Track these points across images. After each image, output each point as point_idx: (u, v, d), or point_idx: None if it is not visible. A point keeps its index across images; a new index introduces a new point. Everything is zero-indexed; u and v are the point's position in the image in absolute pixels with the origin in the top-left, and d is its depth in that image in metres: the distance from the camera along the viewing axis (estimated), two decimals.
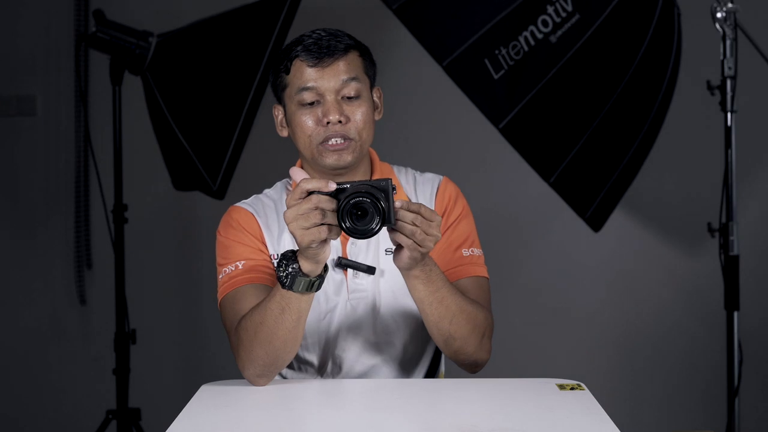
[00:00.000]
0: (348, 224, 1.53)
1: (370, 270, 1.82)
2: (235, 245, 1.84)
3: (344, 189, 1.56)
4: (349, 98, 1.80)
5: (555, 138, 2.74)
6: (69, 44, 3.60)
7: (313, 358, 1.86)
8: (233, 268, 1.81)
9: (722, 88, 2.83)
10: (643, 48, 2.77)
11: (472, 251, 1.86)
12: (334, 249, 1.83)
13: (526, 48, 2.64)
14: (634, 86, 2.78)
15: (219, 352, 3.53)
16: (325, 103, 1.79)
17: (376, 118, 1.87)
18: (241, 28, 2.90)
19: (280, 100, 1.88)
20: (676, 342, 3.53)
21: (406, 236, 1.58)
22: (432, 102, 3.55)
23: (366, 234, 1.54)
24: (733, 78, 2.82)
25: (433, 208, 1.82)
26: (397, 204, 1.58)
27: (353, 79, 1.80)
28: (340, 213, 1.53)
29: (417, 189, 1.91)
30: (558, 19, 2.66)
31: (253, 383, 1.73)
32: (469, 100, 2.65)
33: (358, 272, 1.82)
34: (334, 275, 1.83)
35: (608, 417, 1.52)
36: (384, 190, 1.56)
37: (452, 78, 2.61)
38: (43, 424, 3.67)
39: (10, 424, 3.67)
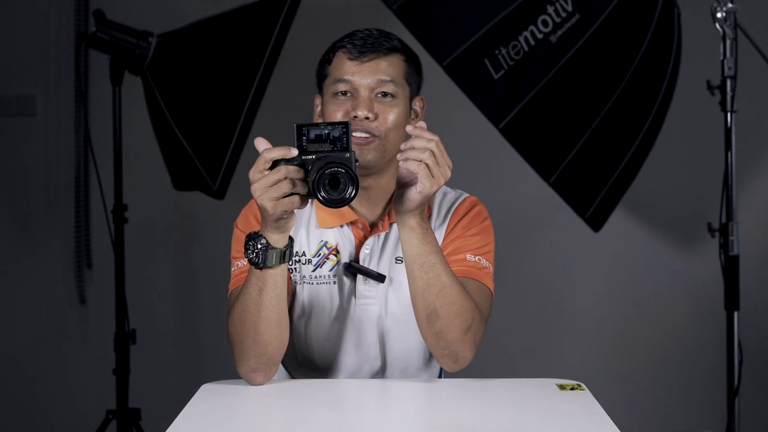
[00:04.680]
0: (323, 194, 1.54)
1: (380, 278, 1.80)
2: None
3: (308, 158, 1.57)
4: (383, 96, 1.80)
5: (555, 138, 2.74)
6: (69, 44, 3.60)
7: (320, 360, 1.85)
8: (244, 263, 1.81)
9: (722, 88, 2.83)
10: (643, 48, 2.77)
11: (479, 259, 1.81)
12: (347, 253, 1.83)
13: (526, 48, 2.64)
14: (634, 86, 2.78)
15: (219, 352, 3.53)
16: (358, 97, 1.79)
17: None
18: (241, 28, 2.90)
19: (320, 90, 1.88)
20: (676, 342, 3.52)
21: (419, 161, 1.60)
22: (432, 102, 3.52)
23: (343, 203, 1.55)
24: (733, 78, 2.82)
25: (446, 222, 1.83)
26: (409, 129, 1.63)
27: (390, 81, 1.80)
28: (315, 184, 1.53)
29: (443, 202, 1.89)
30: (558, 19, 2.66)
31: (250, 381, 1.72)
32: (469, 100, 2.65)
33: (368, 279, 1.81)
34: (343, 280, 1.82)
35: (608, 417, 1.52)
36: (347, 162, 1.56)
37: (452, 78, 2.61)
38: (42, 424, 3.66)
39: (9, 423, 3.67)
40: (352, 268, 1.81)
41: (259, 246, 1.62)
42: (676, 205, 3.52)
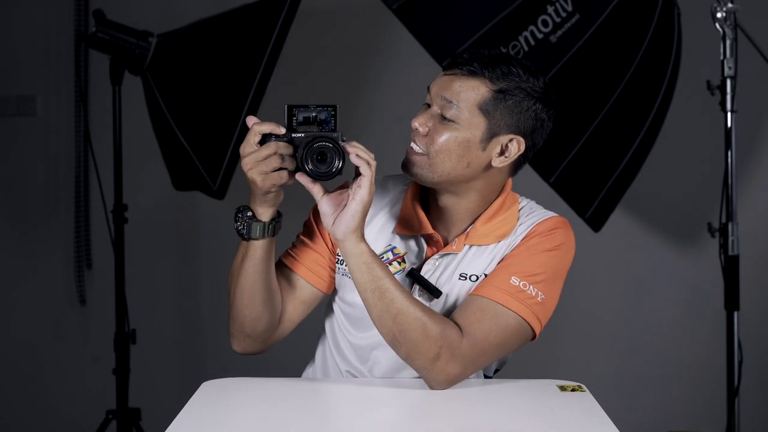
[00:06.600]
0: (310, 167, 1.61)
1: (436, 292, 1.75)
2: (312, 220, 1.86)
3: (298, 136, 1.63)
4: (444, 118, 1.72)
5: (555, 138, 2.73)
6: (69, 44, 3.60)
7: (358, 356, 1.83)
8: (296, 240, 1.86)
9: (722, 88, 2.83)
10: (643, 48, 2.77)
11: (524, 285, 1.71)
12: (413, 263, 1.79)
13: (526, 48, 2.64)
14: (634, 86, 2.78)
15: (219, 352, 3.53)
16: (428, 109, 1.74)
17: (495, 164, 1.75)
18: (241, 28, 2.90)
19: None
20: (676, 342, 3.52)
21: (363, 163, 1.62)
22: None
23: (330, 176, 1.61)
24: (733, 78, 2.82)
25: (521, 237, 1.77)
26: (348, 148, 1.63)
27: (451, 103, 1.70)
28: (302, 158, 1.60)
29: (530, 215, 1.83)
30: (558, 19, 2.66)
31: (232, 345, 1.80)
32: None
33: (424, 291, 1.77)
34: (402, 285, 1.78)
35: (609, 419, 1.52)
36: (334, 138, 1.63)
37: None
38: (42, 424, 3.67)
39: (10, 423, 3.67)
40: (412, 276, 1.77)
41: (245, 218, 1.68)
42: (676, 205, 3.52)
